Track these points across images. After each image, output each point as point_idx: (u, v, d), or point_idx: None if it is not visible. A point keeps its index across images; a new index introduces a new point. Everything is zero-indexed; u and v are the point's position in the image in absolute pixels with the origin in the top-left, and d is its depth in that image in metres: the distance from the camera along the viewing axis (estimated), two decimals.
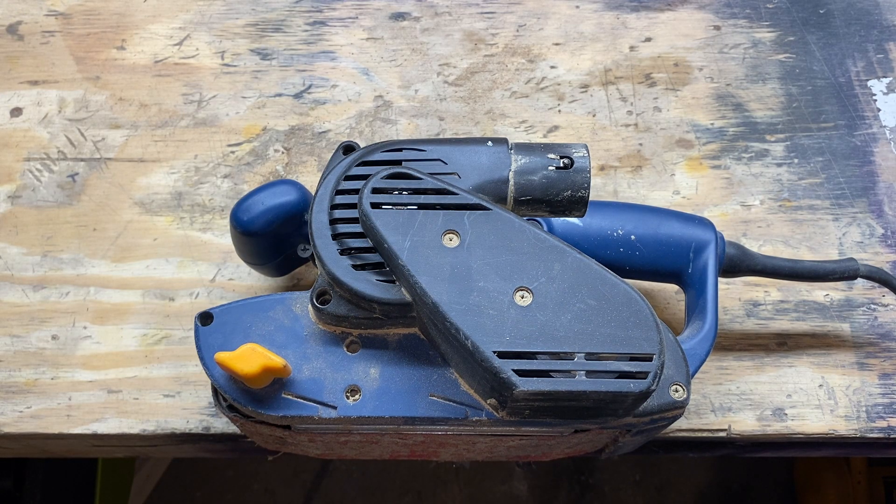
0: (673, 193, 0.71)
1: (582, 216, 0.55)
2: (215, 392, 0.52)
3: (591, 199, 0.54)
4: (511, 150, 0.54)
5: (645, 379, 0.46)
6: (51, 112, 0.73)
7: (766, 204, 0.71)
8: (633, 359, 0.47)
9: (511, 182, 0.53)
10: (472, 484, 1.48)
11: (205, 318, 0.52)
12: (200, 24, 0.77)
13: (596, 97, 0.75)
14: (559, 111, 0.74)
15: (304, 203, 0.59)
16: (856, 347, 0.66)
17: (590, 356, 0.47)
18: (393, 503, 1.48)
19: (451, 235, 0.49)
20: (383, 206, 0.50)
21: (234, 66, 0.76)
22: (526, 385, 0.46)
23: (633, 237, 0.59)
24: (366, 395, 0.50)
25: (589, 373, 0.46)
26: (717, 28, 0.78)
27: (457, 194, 0.50)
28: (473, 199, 0.50)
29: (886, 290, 0.68)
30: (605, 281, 0.48)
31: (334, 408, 0.50)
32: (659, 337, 0.47)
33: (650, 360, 0.47)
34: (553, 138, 0.73)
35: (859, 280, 0.63)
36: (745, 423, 0.64)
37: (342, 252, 0.51)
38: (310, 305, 0.52)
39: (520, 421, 0.50)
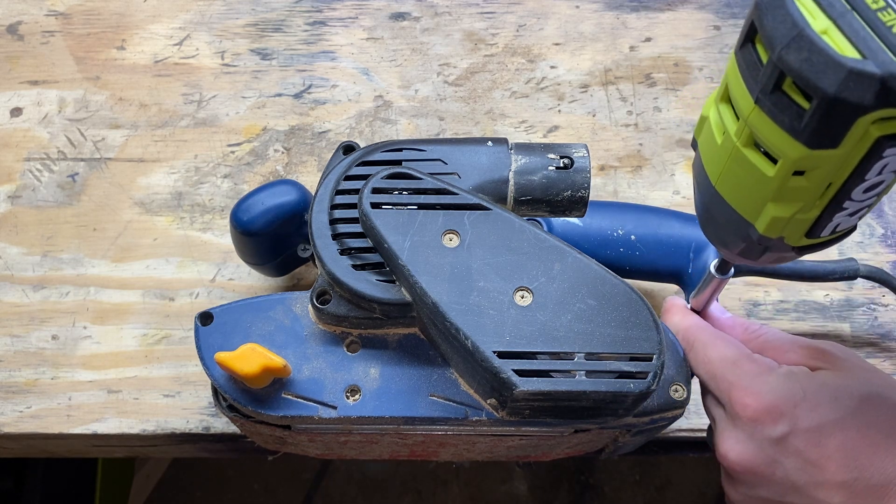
0: (673, 193, 0.71)
1: (582, 216, 0.55)
2: (215, 392, 0.52)
3: (591, 199, 0.54)
4: (511, 150, 0.54)
5: (645, 379, 0.46)
6: (51, 112, 0.73)
7: None
8: (633, 359, 0.47)
9: (511, 182, 0.53)
10: (472, 484, 1.48)
11: (205, 318, 0.52)
12: (200, 24, 0.77)
13: (596, 97, 0.75)
14: (559, 111, 0.74)
15: (304, 203, 0.59)
16: (856, 347, 0.66)
17: (590, 356, 0.47)
18: (393, 503, 1.48)
19: (451, 235, 0.49)
20: (383, 206, 0.50)
21: (234, 66, 0.76)
22: (526, 385, 0.46)
23: (633, 237, 0.59)
24: (366, 395, 0.50)
25: (589, 373, 0.46)
26: (717, 28, 0.78)
27: (457, 194, 0.50)
28: (473, 199, 0.50)
29: (886, 290, 0.68)
30: (604, 281, 0.48)
31: (334, 408, 0.50)
32: (659, 337, 0.47)
33: (650, 360, 0.47)
34: (553, 138, 0.73)
35: (859, 280, 0.63)
36: None
37: (342, 252, 0.51)
38: (310, 305, 0.52)
39: (520, 421, 0.50)
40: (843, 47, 0.30)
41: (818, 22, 0.31)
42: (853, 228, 0.40)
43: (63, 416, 0.63)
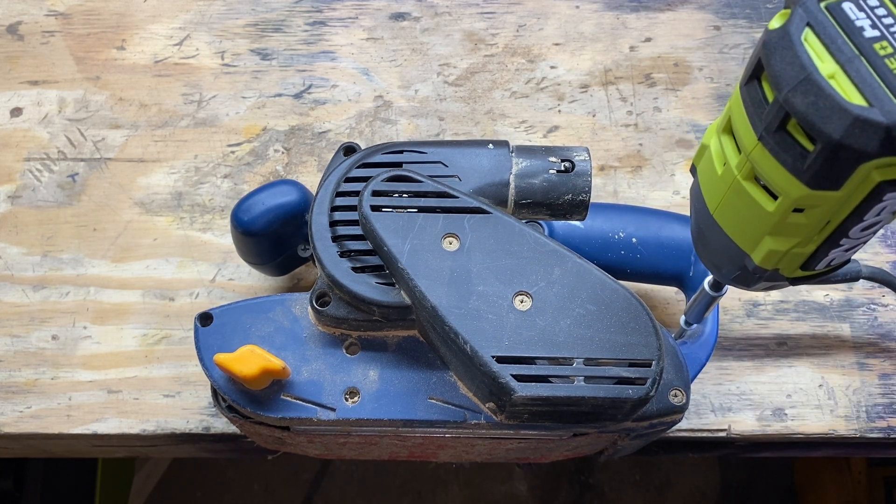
0: (673, 194, 0.71)
1: (583, 219, 0.54)
2: (215, 392, 0.52)
3: (591, 200, 0.54)
4: (512, 152, 0.54)
5: (643, 385, 0.46)
6: (51, 112, 0.73)
7: None
8: (631, 364, 0.47)
9: (512, 185, 0.53)
10: (472, 484, 1.49)
11: (204, 318, 0.52)
12: (200, 24, 0.77)
13: (596, 97, 0.75)
14: (559, 111, 0.74)
15: (304, 203, 0.59)
16: (856, 347, 0.66)
17: (588, 361, 0.47)
18: (393, 503, 1.48)
19: (450, 239, 0.49)
20: (383, 209, 0.50)
21: (234, 66, 0.75)
22: (524, 390, 0.46)
23: (634, 240, 0.59)
24: (365, 398, 0.50)
25: (587, 378, 0.46)
26: (717, 28, 0.78)
27: (457, 197, 0.50)
28: (473, 203, 0.50)
29: (886, 289, 0.68)
30: (604, 286, 0.48)
31: (333, 410, 0.50)
32: (658, 343, 0.47)
33: (649, 365, 0.47)
34: (553, 138, 0.73)
35: (860, 280, 0.63)
36: (745, 423, 0.64)
37: (342, 254, 0.51)
38: (309, 307, 0.52)
39: (518, 425, 0.50)
40: (849, 93, 0.30)
41: (826, 66, 0.31)
42: (847, 262, 0.41)
43: (63, 416, 0.63)
